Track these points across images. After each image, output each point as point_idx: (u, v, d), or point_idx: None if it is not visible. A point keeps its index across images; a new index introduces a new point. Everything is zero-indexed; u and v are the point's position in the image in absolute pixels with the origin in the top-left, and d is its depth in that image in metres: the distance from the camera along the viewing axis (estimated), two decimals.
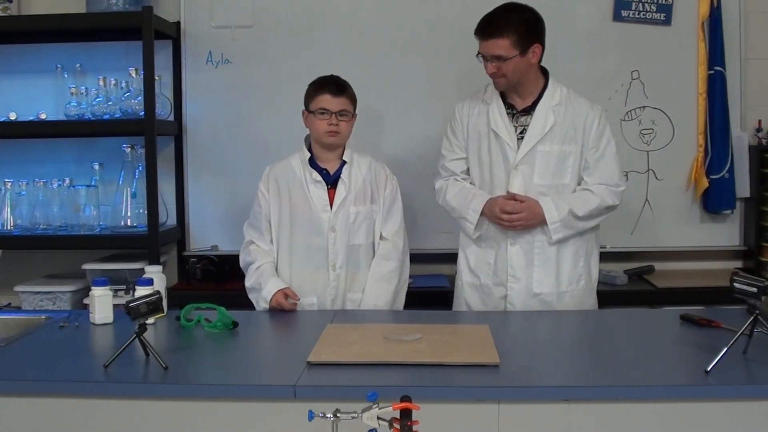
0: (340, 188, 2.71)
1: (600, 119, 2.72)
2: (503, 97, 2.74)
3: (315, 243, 2.71)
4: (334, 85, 2.70)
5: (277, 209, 2.75)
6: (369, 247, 2.77)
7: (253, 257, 2.74)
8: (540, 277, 2.70)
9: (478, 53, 2.64)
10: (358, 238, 2.73)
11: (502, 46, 2.58)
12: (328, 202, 2.70)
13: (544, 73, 2.74)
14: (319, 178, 2.71)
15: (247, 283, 2.74)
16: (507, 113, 2.73)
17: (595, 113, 2.72)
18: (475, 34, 2.63)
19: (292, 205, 2.72)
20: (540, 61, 2.69)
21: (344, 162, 2.74)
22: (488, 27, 2.61)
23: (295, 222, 2.72)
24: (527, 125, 2.70)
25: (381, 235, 2.78)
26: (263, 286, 2.66)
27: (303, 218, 2.71)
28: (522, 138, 2.69)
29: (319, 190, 2.70)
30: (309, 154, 2.73)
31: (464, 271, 2.84)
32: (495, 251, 2.75)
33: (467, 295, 2.83)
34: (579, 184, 2.73)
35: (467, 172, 2.83)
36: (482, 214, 2.71)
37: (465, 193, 2.77)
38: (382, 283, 2.73)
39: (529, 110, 2.71)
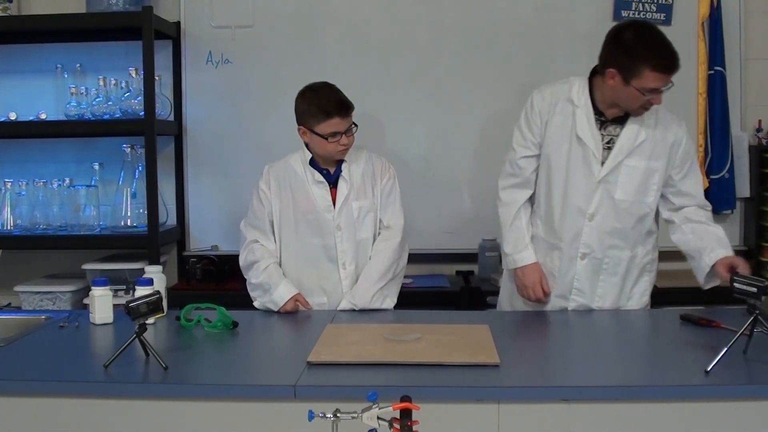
0: (342, 186, 2.70)
1: (687, 136, 2.60)
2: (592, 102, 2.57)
3: (321, 243, 2.69)
4: (341, 106, 2.61)
5: (279, 209, 2.73)
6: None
7: (258, 256, 2.70)
8: (604, 291, 2.61)
9: (652, 90, 2.42)
10: (364, 232, 2.71)
11: None
12: (330, 202, 2.69)
13: None
14: (321, 178, 2.70)
15: (254, 281, 2.68)
16: (595, 120, 2.56)
17: (683, 130, 2.60)
18: (663, 71, 2.40)
19: (294, 206, 2.71)
20: None
21: (342, 160, 2.73)
22: (678, 60, 2.42)
23: (298, 223, 2.70)
24: (616, 136, 2.54)
25: (382, 223, 2.75)
26: (274, 288, 2.64)
27: (307, 219, 2.69)
28: (609, 149, 2.54)
29: (322, 191, 2.70)
30: (310, 155, 2.71)
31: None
32: (560, 262, 2.62)
33: (521, 302, 2.72)
34: (663, 204, 2.61)
35: (536, 171, 2.65)
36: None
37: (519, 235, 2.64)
38: (379, 255, 2.69)
39: (620, 120, 2.55)
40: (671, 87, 2.48)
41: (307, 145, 2.72)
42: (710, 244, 2.51)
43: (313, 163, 2.71)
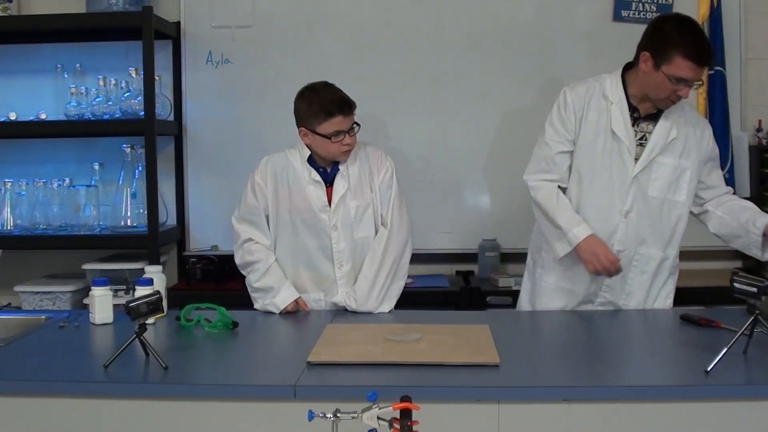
0: (339, 185, 2.64)
1: (712, 135, 2.63)
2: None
3: (317, 243, 2.67)
4: (343, 104, 2.56)
5: (275, 205, 2.68)
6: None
7: (256, 257, 2.67)
8: (631, 289, 2.62)
9: (680, 79, 2.41)
10: (362, 231, 2.66)
11: None
12: (326, 202, 2.65)
13: None
14: (318, 177, 2.65)
15: (255, 284, 2.67)
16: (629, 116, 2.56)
17: (709, 129, 2.64)
18: (693, 60, 2.39)
19: (291, 203, 2.67)
20: None
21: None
22: (710, 55, 2.45)
23: (294, 221, 2.68)
24: (649, 132, 2.55)
25: (382, 218, 2.69)
26: (276, 293, 2.63)
27: (302, 218, 2.66)
28: (641, 145, 2.55)
29: (318, 191, 2.65)
30: (308, 152, 2.66)
31: (555, 271, 2.69)
32: None
33: (547, 298, 2.70)
34: (693, 201, 2.62)
35: (569, 169, 2.62)
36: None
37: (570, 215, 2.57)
38: (375, 256, 2.65)
39: (653, 117, 2.56)
40: (700, 85, 2.53)
41: (308, 147, 2.70)
42: (750, 216, 2.53)
43: (310, 160, 2.68)
